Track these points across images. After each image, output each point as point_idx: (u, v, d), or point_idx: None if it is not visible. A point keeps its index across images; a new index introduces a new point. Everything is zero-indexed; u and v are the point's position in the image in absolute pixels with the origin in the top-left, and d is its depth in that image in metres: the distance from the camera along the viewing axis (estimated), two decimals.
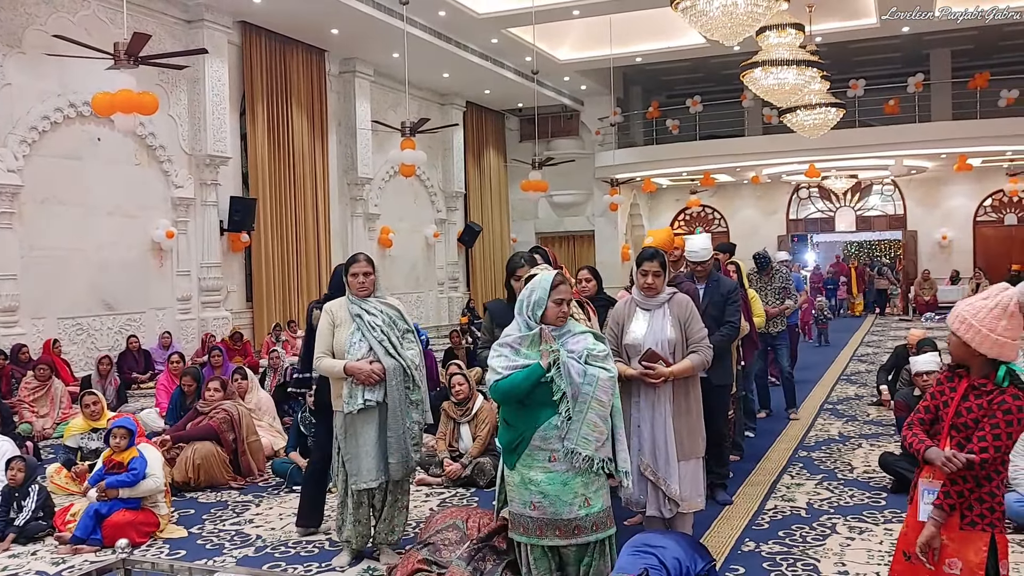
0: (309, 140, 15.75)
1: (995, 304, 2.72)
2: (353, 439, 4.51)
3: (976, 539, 2.73)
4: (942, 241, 23.25)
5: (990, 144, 19.09)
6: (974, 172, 21.20)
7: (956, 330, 2.75)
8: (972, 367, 2.79)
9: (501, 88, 19.98)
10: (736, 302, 5.70)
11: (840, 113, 15.31)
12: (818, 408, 8.95)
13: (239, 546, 5.13)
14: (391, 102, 18.01)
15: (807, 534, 4.96)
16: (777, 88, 12.67)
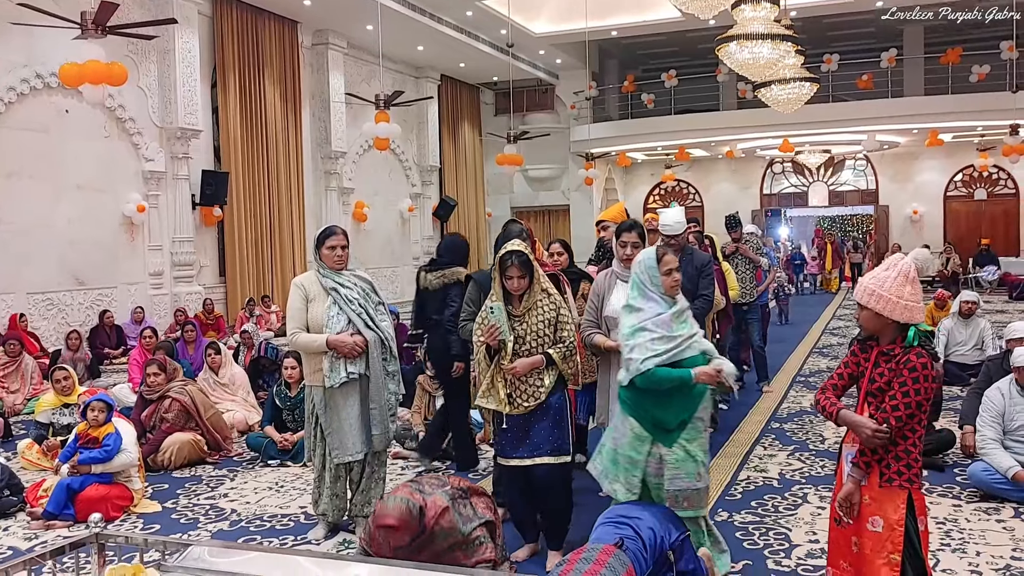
0: (282, 113, 15.58)
1: (897, 273, 2.89)
2: (335, 413, 4.51)
3: (894, 496, 2.88)
4: (913, 216, 23.46)
5: (961, 119, 19.24)
6: (945, 147, 21.38)
7: (867, 303, 2.90)
8: (882, 336, 2.94)
9: (476, 61, 19.84)
10: (710, 275, 5.72)
11: (814, 88, 15.33)
12: (790, 381, 9.05)
13: (214, 520, 5.11)
14: (365, 75, 17.84)
15: (779, 504, 5.03)
16: (752, 62, 12.65)
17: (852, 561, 2.98)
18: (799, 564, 4.11)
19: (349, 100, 16.61)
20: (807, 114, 17.65)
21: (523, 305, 4.03)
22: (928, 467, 5.52)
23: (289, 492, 5.65)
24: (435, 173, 20.94)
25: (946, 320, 8.95)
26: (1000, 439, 5.13)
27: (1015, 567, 4.02)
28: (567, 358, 4.06)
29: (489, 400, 4.05)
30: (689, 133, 21.42)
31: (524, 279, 3.99)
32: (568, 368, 4.08)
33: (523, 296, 4.03)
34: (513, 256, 3.98)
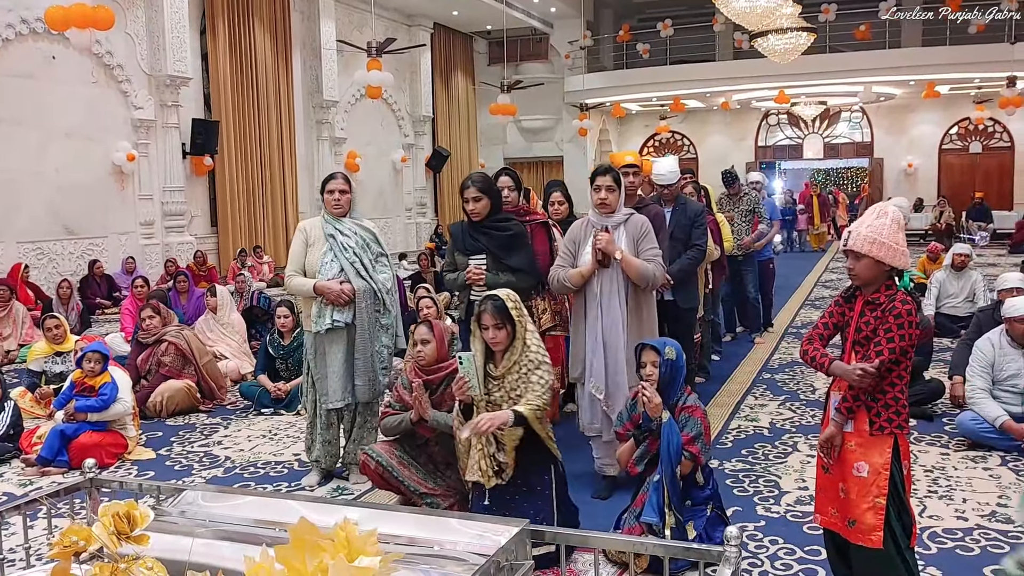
0: (273, 61, 15.38)
1: (890, 220, 2.90)
2: (322, 359, 4.53)
3: (881, 442, 2.91)
4: (908, 169, 23.40)
5: (959, 71, 19.10)
6: (941, 100, 21.24)
7: (868, 251, 2.87)
8: (870, 285, 2.94)
9: (469, 9, 19.55)
10: (703, 225, 5.71)
11: (811, 38, 15.19)
12: (782, 332, 9.08)
13: (208, 467, 5.15)
14: (356, 22, 17.59)
15: (769, 452, 5.08)
16: (749, 11, 12.52)
17: (839, 507, 3.02)
18: (788, 510, 4.16)
19: (341, 48, 16.39)
20: (803, 65, 17.50)
21: (502, 365, 3.48)
22: (918, 416, 5.59)
23: (283, 440, 5.68)
24: (428, 123, 20.76)
25: (938, 272, 8.97)
26: (989, 389, 5.17)
27: (1000, 513, 4.08)
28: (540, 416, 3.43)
29: (472, 471, 3.50)
30: (684, 84, 21.23)
31: (502, 330, 3.43)
32: (542, 424, 3.49)
33: (506, 351, 3.49)
34: (487, 302, 3.46)
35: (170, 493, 2.79)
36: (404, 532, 2.57)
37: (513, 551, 2.44)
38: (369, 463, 4.04)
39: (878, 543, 2.88)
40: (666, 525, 3.42)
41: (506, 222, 4.60)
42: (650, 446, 3.63)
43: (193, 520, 2.56)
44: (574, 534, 2.79)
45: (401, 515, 2.63)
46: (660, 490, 3.48)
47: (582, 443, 4.61)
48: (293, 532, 1.31)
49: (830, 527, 3.11)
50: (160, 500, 2.73)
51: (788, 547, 3.74)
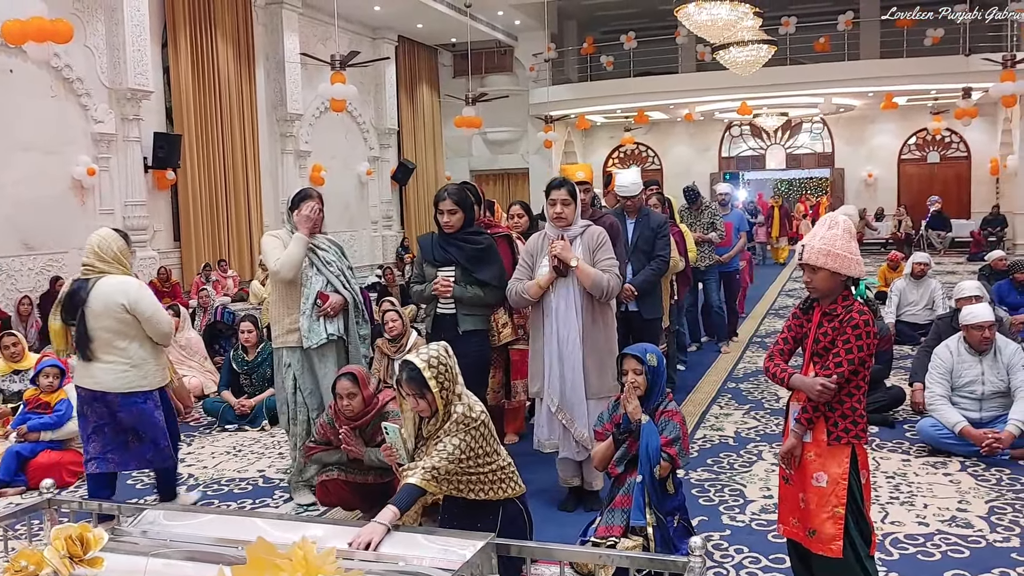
0: (236, 74, 15.27)
1: (841, 231, 2.93)
2: (310, 374, 4.48)
3: (838, 452, 2.94)
4: (868, 179, 23.74)
5: (915, 83, 19.42)
6: (899, 110, 21.59)
7: (823, 264, 2.90)
8: (828, 297, 2.97)
9: (434, 22, 19.57)
10: (666, 236, 5.76)
11: (772, 50, 15.40)
12: (747, 341, 9.16)
13: None
14: (320, 35, 17.53)
15: (734, 461, 5.12)
16: (710, 24, 12.67)
17: (800, 517, 3.05)
18: (753, 519, 4.19)
19: (304, 61, 16.32)
20: (765, 77, 17.73)
21: (426, 430, 3.32)
22: (879, 423, 5.66)
23: (247, 456, 5.63)
24: (393, 136, 20.71)
25: (898, 281, 9.11)
26: (948, 395, 5.26)
27: (960, 518, 4.14)
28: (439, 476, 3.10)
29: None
30: (648, 96, 21.37)
31: (422, 400, 3.22)
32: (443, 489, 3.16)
33: (432, 417, 3.30)
34: (403, 370, 3.26)
35: (131, 512, 2.76)
36: None
37: (478, 565, 2.44)
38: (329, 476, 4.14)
39: (838, 552, 2.91)
40: (648, 524, 3.46)
41: (478, 235, 4.59)
42: (629, 447, 3.66)
43: (154, 540, 2.53)
44: (539, 547, 2.80)
45: None
46: (643, 491, 3.51)
47: (548, 456, 4.62)
48: (250, 552, 1.30)
49: (792, 537, 3.13)
50: (120, 520, 2.68)
51: (753, 556, 3.76)
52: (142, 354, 4.24)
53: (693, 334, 8.73)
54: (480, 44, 21.69)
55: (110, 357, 4.17)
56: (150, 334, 4.26)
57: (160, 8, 13.77)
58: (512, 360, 5.46)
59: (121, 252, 4.31)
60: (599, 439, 3.80)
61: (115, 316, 4.14)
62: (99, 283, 4.18)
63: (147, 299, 4.26)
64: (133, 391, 4.21)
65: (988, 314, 5.23)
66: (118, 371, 4.17)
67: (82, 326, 4.15)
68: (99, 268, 4.24)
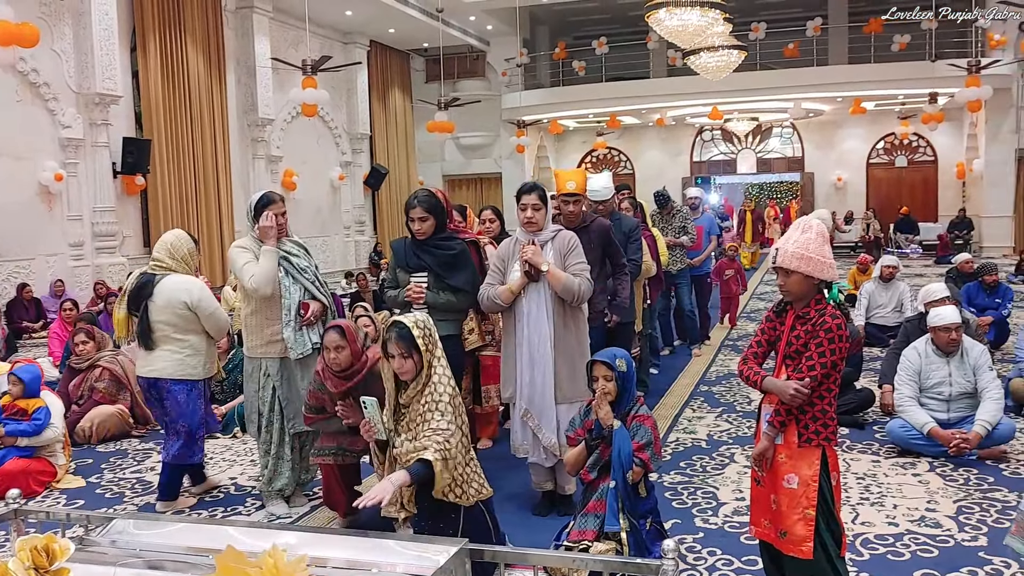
0: (206, 79, 15.16)
1: (815, 234, 2.96)
2: (289, 382, 4.44)
3: (809, 454, 2.97)
4: (837, 183, 23.99)
5: (883, 88, 19.68)
6: (868, 115, 21.87)
7: (797, 267, 2.92)
8: (800, 300, 2.99)
9: (406, 27, 19.56)
10: (637, 240, 5.79)
11: (742, 56, 15.53)
12: (719, 344, 9.22)
13: (140, 494, 5.02)
14: (292, 40, 17.45)
15: (707, 464, 5.15)
16: (681, 30, 12.75)
17: (772, 518, 3.07)
18: (726, 521, 4.21)
19: (275, 66, 16.25)
20: (735, 82, 17.88)
21: (406, 395, 3.39)
22: (849, 425, 5.72)
23: (218, 464, 5.57)
24: (365, 141, 20.66)
25: (867, 284, 9.21)
26: (917, 397, 5.32)
27: (929, 518, 4.19)
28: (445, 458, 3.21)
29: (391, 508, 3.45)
30: (620, 100, 21.49)
31: (408, 359, 3.32)
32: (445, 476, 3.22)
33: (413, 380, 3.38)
34: (393, 329, 3.36)
35: (99, 522, 2.72)
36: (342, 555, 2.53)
37: (452, 571, 2.43)
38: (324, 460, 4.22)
39: (808, 553, 2.93)
40: (622, 529, 3.47)
41: (450, 241, 4.58)
42: (602, 453, 3.66)
43: (123, 550, 2.49)
44: (512, 552, 2.79)
45: (339, 538, 2.59)
46: (617, 496, 3.51)
47: (522, 460, 4.62)
48: (219, 561, 1.28)
49: (763, 538, 3.16)
50: (89, 530, 2.65)
51: (726, 558, 3.78)
52: (197, 345, 4.56)
53: (665, 338, 8.77)
54: (452, 49, 21.70)
55: (168, 346, 4.49)
56: (208, 329, 4.60)
57: (129, 12, 13.65)
58: (484, 365, 5.46)
59: (190, 253, 4.69)
60: (571, 444, 3.81)
61: (176, 312, 4.46)
62: (164, 280, 4.51)
63: (208, 298, 4.61)
64: (183, 378, 4.51)
65: (955, 316, 5.30)
66: (174, 359, 4.48)
67: (144, 318, 4.48)
68: (167, 265, 4.58)
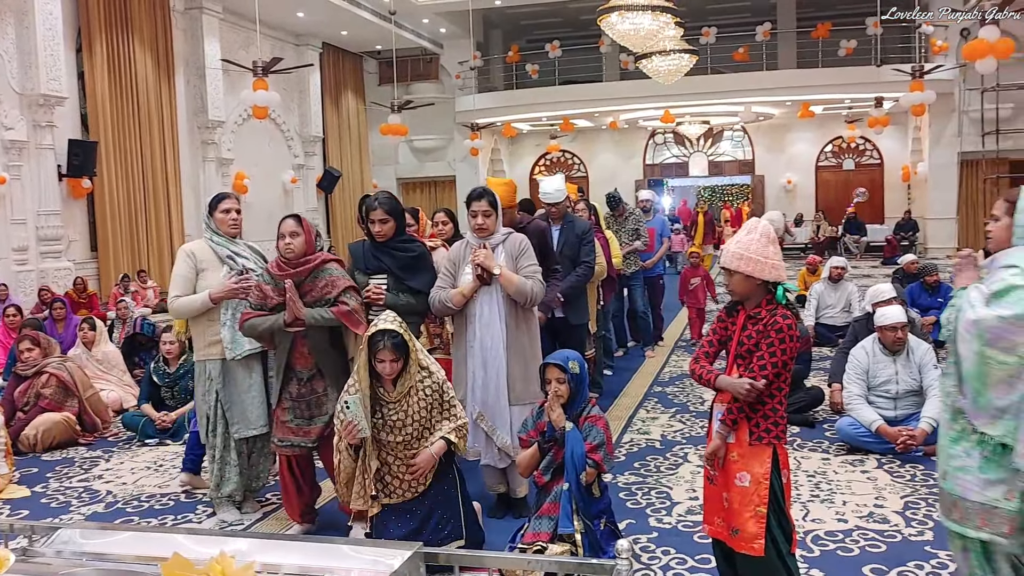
0: (154, 80, 14.93)
1: (759, 235, 3.01)
2: (233, 386, 4.37)
3: (761, 452, 3.01)
4: (787, 185, 24.36)
5: (831, 92, 20.01)
6: (816, 119, 22.23)
7: (737, 267, 2.99)
8: (750, 300, 3.05)
9: (358, 29, 19.45)
10: (591, 242, 5.81)
11: (693, 60, 15.68)
12: (672, 345, 9.29)
13: (88, 503, 4.92)
14: (242, 41, 17.25)
15: (661, 464, 5.19)
16: (633, 33, 12.83)
17: (724, 516, 3.10)
18: (679, 520, 4.25)
19: (226, 67, 16.04)
20: (687, 85, 18.04)
21: (398, 388, 3.61)
22: (799, 423, 5.81)
23: (168, 471, 5.48)
24: (318, 143, 20.51)
25: (817, 284, 9.36)
26: (865, 395, 5.42)
27: (877, 514, 4.27)
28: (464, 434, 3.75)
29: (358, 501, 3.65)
30: (573, 104, 21.58)
31: (398, 363, 3.55)
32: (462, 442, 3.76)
33: (397, 379, 3.61)
34: (386, 338, 3.53)
35: (44, 532, 2.65)
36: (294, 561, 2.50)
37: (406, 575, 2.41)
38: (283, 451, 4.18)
39: (760, 551, 2.96)
40: (576, 531, 3.48)
41: (410, 243, 4.56)
42: (555, 456, 3.67)
43: (69, 560, 2.44)
44: (468, 554, 2.78)
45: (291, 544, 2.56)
46: (570, 499, 3.53)
47: (475, 462, 4.62)
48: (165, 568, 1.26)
49: (716, 536, 3.19)
50: (33, 540, 2.59)
51: (680, 557, 3.81)
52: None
53: (619, 339, 8.82)
54: (406, 52, 21.62)
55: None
56: None
57: (74, 12, 13.40)
58: None
59: None
60: (524, 446, 3.81)
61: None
62: None
63: None
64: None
65: (901, 316, 5.41)
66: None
67: None
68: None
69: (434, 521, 3.66)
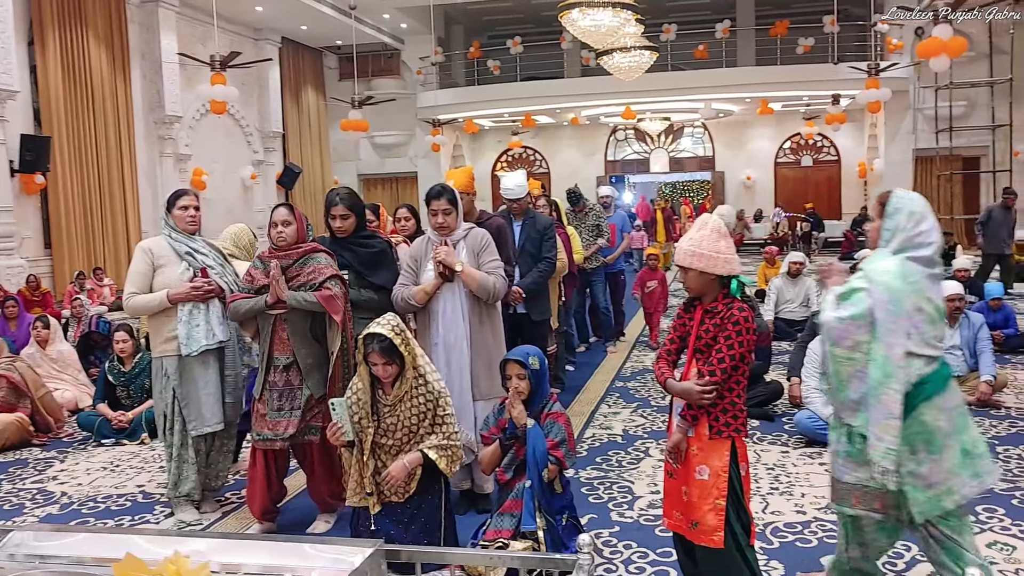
0: (109, 74, 14.67)
1: (710, 231, 3.04)
2: (190, 383, 4.31)
3: (719, 446, 3.04)
4: (747, 181, 24.61)
5: (789, 89, 20.27)
6: (775, 116, 22.49)
7: (690, 264, 3.03)
8: (706, 295, 3.08)
9: (318, 24, 19.28)
10: (552, 238, 5.81)
11: (654, 56, 15.79)
12: (634, 341, 9.34)
13: (42, 504, 4.83)
14: (200, 35, 17.02)
15: (623, 459, 5.21)
16: (594, 30, 12.89)
17: (683, 510, 3.13)
18: (641, 514, 4.27)
19: (183, 61, 15.81)
20: (647, 82, 18.16)
21: (394, 393, 3.55)
22: (759, 417, 5.86)
23: (125, 471, 5.40)
24: (278, 139, 20.31)
25: (776, 279, 9.46)
26: (823, 389, 5.48)
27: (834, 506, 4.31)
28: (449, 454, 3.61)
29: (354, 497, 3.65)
30: (534, 100, 21.60)
31: (391, 366, 3.50)
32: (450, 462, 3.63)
33: (395, 382, 3.56)
34: (375, 341, 3.46)
35: None
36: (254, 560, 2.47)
37: (367, 573, 2.40)
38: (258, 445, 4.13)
39: (720, 543, 2.99)
40: (539, 528, 3.48)
41: (371, 239, 4.54)
42: (517, 453, 3.67)
43: (22, 563, 2.39)
44: (430, 551, 2.77)
45: (251, 543, 2.53)
46: (533, 496, 3.52)
47: None
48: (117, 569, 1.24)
49: (676, 530, 3.21)
50: None
51: (641, 551, 3.83)
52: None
53: (581, 335, 8.85)
54: (366, 47, 21.48)
55: None
56: None
57: (25, 4, 13.13)
58: None
59: (250, 243, 5.17)
60: (485, 443, 3.80)
61: None
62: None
63: None
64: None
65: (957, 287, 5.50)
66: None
67: None
68: (232, 252, 4.94)
69: (416, 528, 3.62)
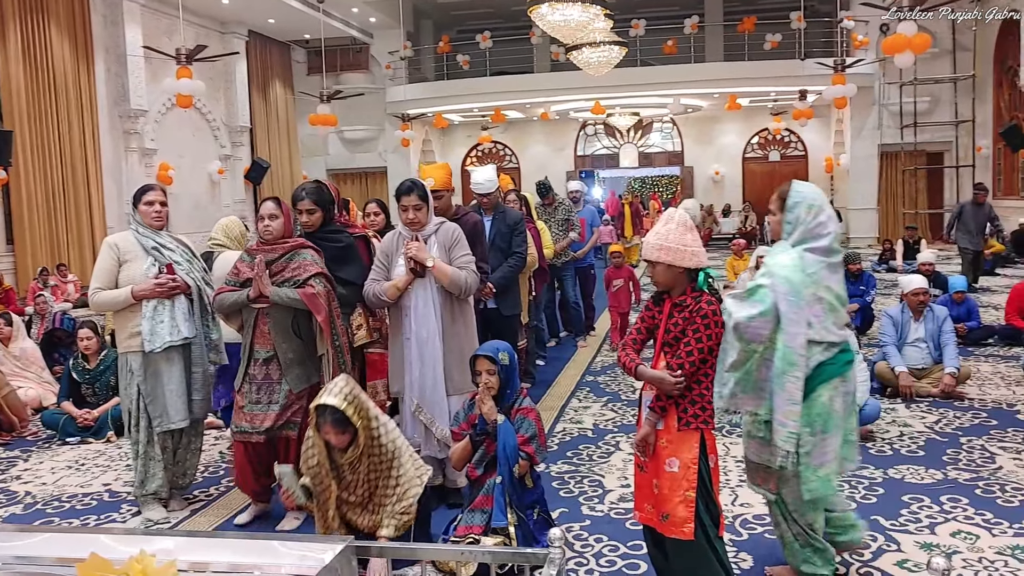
0: (72, 67, 14.45)
1: (676, 225, 3.09)
2: (155, 379, 4.26)
3: (689, 438, 3.06)
4: (715, 176, 24.77)
5: (757, 85, 20.42)
6: (743, 112, 22.64)
7: (658, 258, 3.06)
8: (675, 288, 3.11)
9: (286, 17, 19.12)
10: (522, 233, 5.81)
11: (623, 52, 15.83)
12: (604, 335, 9.37)
13: (4, 504, 4.76)
14: (165, 28, 16.80)
15: (593, 453, 5.23)
16: (563, 25, 12.90)
17: (654, 503, 3.15)
18: (612, 508, 4.29)
19: (148, 55, 15.61)
20: (616, 77, 18.21)
21: (347, 457, 3.53)
22: None
23: (91, 470, 5.33)
24: (245, 134, 20.11)
25: (744, 274, 9.52)
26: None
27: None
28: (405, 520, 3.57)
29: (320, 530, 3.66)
30: (504, 95, 21.60)
31: (345, 434, 3.46)
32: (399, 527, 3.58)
33: (348, 446, 3.53)
34: (327, 412, 3.42)
35: None
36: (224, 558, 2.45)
37: (337, 569, 2.39)
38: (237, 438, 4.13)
39: (690, 535, 3.01)
40: (510, 524, 3.48)
41: (338, 233, 4.52)
42: (487, 449, 3.66)
43: None
44: (401, 547, 2.77)
45: (219, 541, 2.51)
46: (504, 492, 3.52)
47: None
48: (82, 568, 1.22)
49: (647, 523, 3.23)
50: None
51: (612, 544, 3.85)
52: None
53: (552, 329, 8.86)
54: (335, 41, 21.36)
55: None
56: None
57: None
58: (370, 361, 5.38)
59: (242, 234, 5.32)
60: (456, 439, 3.80)
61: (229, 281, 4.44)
62: (221, 256, 5.05)
63: None
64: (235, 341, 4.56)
65: None
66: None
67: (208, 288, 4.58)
68: (222, 243, 5.19)
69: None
